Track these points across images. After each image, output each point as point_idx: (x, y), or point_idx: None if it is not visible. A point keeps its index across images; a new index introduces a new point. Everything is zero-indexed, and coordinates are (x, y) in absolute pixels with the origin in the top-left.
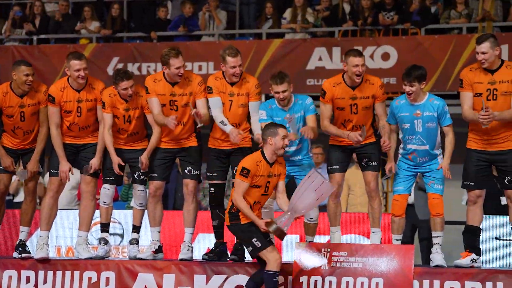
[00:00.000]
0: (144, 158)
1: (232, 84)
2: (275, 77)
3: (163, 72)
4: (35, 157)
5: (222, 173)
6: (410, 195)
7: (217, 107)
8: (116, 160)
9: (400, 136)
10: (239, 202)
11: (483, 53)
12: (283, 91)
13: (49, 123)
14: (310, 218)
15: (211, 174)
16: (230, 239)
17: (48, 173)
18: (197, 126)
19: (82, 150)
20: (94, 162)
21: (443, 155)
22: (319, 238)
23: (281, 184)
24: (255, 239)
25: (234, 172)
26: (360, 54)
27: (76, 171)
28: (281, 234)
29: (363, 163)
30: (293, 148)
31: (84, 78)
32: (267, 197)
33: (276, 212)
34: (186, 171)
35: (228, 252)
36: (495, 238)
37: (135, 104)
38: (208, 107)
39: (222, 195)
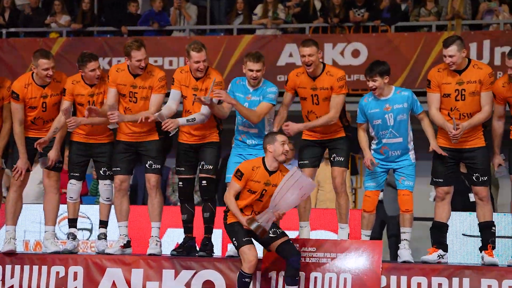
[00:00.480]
0: (52, 154)
1: (197, 78)
2: (252, 55)
3: (127, 64)
4: None
5: (190, 167)
6: (382, 191)
7: (172, 99)
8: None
9: (372, 133)
10: (227, 200)
11: (450, 56)
12: (257, 70)
13: (12, 119)
14: None
15: (179, 168)
16: (199, 234)
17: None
18: (170, 134)
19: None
20: (52, 155)
21: (414, 151)
22: (288, 234)
23: None
24: (234, 239)
25: (200, 167)
26: (309, 44)
27: None
28: (262, 232)
29: (331, 158)
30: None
31: (51, 77)
32: (262, 204)
33: None
34: (147, 165)
35: (197, 247)
36: (462, 234)
37: (100, 89)
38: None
39: (191, 190)
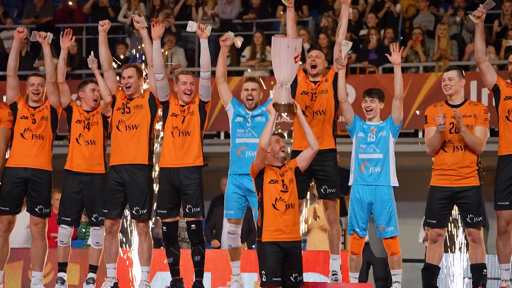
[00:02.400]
0: None
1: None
2: (248, 78)
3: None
4: None
5: (172, 210)
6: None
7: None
8: None
9: (353, 147)
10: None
11: (449, 79)
12: (252, 89)
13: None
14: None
15: (161, 211)
16: (187, 275)
17: None
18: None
19: None
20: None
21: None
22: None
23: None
24: (264, 272)
25: (187, 210)
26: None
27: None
28: (290, 109)
29: (321, 190)
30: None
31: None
32: (288, 194)
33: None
34: (134, 211)
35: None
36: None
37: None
38: None
39: (175, 233)
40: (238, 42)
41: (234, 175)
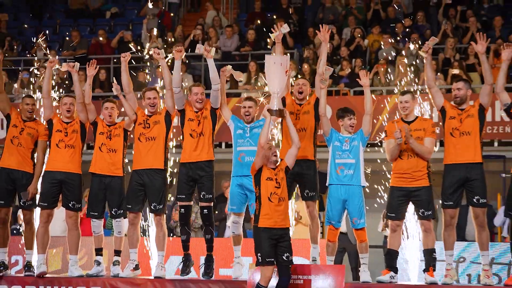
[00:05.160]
0: (32, 188)
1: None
2: (246, 97)
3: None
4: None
5: (190, 195)
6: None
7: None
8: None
9: (330, 154)
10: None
11: (405, 101)
12: (249, 107)
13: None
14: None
15: (181, 196)
16: (195, 251)
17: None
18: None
19: None
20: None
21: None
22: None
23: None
24: (259, 254)
25: (201, 196)
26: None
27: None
28: (281, 113)
29: (304, 194)
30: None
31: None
32: (280, 189)
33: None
34: (152, 206)
35: (192, 260)
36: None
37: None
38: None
39: (189, 214)
40: (238, 76)
41: (236, 176)
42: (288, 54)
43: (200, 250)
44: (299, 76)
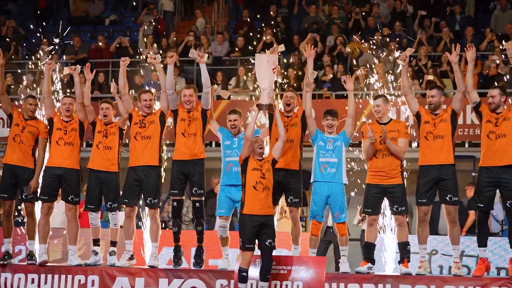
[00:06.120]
0: (33, 182)
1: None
2: (230, 110)
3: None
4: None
5: (182, 190)
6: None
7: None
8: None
9: (314, 153)
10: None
11: (377, 105)
12: (235, 120)
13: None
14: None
15: (174, 191)
16: (186, 242)
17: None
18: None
19: None
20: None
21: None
22: (257, 251)
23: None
24: (241, 240)
25: (193, 191)
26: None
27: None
28: (270, 107)
29: (288, 200)
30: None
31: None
32: (266, 180)
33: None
34: (147, 201)
35: (182, 250)
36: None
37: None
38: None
39: (181, 207)
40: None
41: (224, 185)
42: (277, 55)
43: (190, 242)
44: (289, 89)
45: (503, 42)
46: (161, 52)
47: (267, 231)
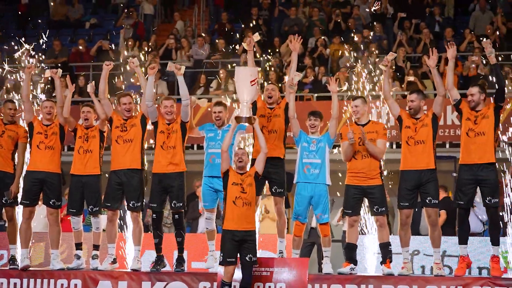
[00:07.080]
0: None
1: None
2: (216, 102)
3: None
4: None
5: (161, 203)
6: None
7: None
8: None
9: (298, 154)
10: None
11: (356, 106)
12: (219, 112)
13: None
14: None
15: (152, 205)
16: (168, 246)
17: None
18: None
19: None
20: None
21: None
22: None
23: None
24: (221, 254)
25: (172, 205)
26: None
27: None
28: (250, 120)
29: (272, 190)
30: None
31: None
32: (246, 195)
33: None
34: (130, 204)
35: (165, 261)
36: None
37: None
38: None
39: (161, 220)
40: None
41: (207, 177)
42: (257, 67)
43: (173, 246)
44: (269, 82)
45: (482, 40)
46: (141, 54)
47: (248, 246)
